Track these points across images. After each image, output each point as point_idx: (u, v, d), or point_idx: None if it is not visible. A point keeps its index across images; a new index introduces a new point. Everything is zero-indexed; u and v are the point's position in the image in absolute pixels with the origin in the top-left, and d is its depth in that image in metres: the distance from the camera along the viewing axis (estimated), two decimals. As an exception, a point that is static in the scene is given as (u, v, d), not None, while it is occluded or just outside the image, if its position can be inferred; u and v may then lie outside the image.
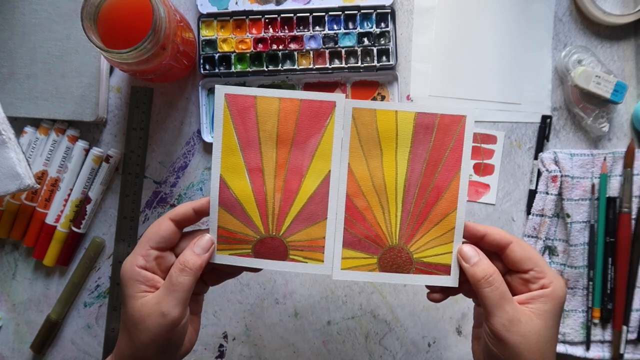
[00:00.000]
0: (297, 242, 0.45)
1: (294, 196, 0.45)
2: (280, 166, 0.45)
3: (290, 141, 0.45)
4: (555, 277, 0.43)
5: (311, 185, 0.45)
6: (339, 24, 0.62)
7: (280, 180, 0.45)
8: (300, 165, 0.45)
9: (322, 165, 0.45)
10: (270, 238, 0.45)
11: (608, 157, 0.61)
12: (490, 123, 0.63)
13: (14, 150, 0.56)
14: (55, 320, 0.63)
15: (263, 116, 0.44)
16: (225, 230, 0.45)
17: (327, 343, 0.63)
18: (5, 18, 0.61)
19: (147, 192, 0.64)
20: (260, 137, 0.45)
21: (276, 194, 0.45)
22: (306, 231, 0.45)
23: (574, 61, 0.61)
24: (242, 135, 0.45)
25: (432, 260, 0.46)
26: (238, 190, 0.45)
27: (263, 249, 0.45)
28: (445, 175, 0.46)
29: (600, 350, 0.61)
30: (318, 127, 0.45)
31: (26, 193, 0.62)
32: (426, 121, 0.45)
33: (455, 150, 0.46)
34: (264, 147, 0.45)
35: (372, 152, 0.46)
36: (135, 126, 0.63)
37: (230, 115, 0.44)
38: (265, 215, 0.45)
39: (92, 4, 0.51)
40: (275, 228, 0.45)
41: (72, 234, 0.63)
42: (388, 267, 0.46)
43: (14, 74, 0.61)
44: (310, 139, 0.45)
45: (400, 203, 0.46)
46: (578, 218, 0.61)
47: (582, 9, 0.62)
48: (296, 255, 0.45)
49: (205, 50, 0.62)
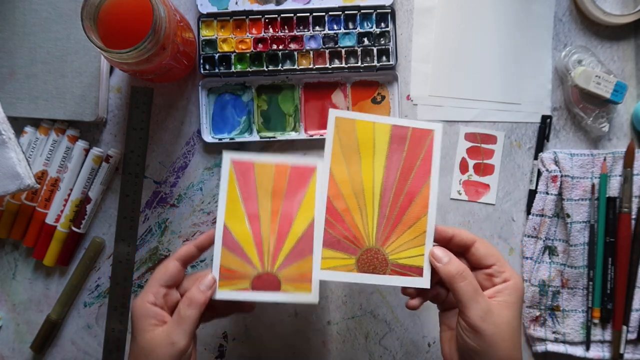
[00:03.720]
0: (288, 275, 0.52)
1: (285, 238, 0.53)
2: (274, 214, 0.53)
3: (282, 194, 0.53)
4: (513, 272, 0.49)
5: (299, 229, 0.53)
6: (339, 24, 0.62)
7: (274, 225, 0.53)
8: (290, 212, 0.53)
9: (308, 212, 0.53)
10: (266, 274, 0.52)
11: (608, 157, 0.61)
12: (490, 123, 0.63)
13: (14, 150, 0.56)
14: (55, 320, 0.63)
15: (260, 176, 0.53)
16: (226, 269, 0.52)
17: (327, 343, 0.63)
18: (5, 18, 0.61)
19: (147, 192, 0.64)
20: (258, 191, 0.53)
21: (271, 236, 0.53)
22: (296, 265, 0.52)
23: (574, 61, 0.61)
24: (243, 190, 0.53)
25: (406, 262, 0.51)
26: (239, 234, 0.52)
27: (260, 283, 0.52)
28: (417, 182, 0.52)
29: (600, 350, 0.61)
30: (303, 183, 0.53)
31: (26, 193, 0.62)
32: (400, 133, 0.52)
33: (426, 160, 0.52)
34: (260, 199, 0.53)
35: (352, 158, 0.52)
36: (135, 126, 0.63)
37: (234, 175, 0.53)
38: (262, 254, 0.52)
39: (92, 4, 0.51)
40: (270, 265, 0.52)
41: (72, 234, 0.63)
42: (365, 268, 0.51)
43: (14, 74, 0.61)
44: (298, 192, 0.53)
45: (377, 206, 0.52)
46: (578, 218, 0.61)
47: (582, 9, 0.62)
48: (288, 286, 0.52)
49: (205, 50, 0.62)
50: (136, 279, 0.64)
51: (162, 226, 0.64)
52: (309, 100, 0.63)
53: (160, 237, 0.64)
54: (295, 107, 0.63)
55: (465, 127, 0.63)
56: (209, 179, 0.64)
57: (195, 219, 0.64)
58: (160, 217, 0.64)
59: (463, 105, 0.63)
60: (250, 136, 0.63)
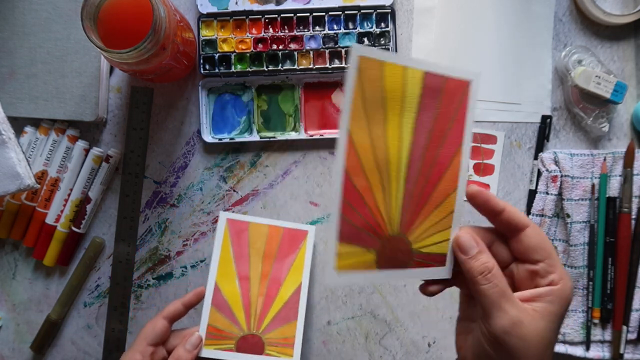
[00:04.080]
0: (272, 338, 0.55)
1: (272, 300, 0.55)
2: (264, 276, 0.56)
3: (274, 256, 0.56)
4: (565, 274, 0.38)
5: (287, 293, 0.56)
6: (339, 24, 0.62)
7: (263, 287, 0.56)
8: (279, 276, 0.56)
9: (296, 277, 0.56)
10: (251, 335, 0.55)
11: (608, 157, 0.61)
12: (490, 123, 0.63)
13: (14, 150, 0.56)
14: (55, 320, 0.63)
15: (254, 237, 0.57)
16: (213, 328, 0.54)
17: (327, 343, 0.63)
18: (5, 18, 0.60)
19: (147, 192, 0.64)
20: (250, 252, 0.56)
21: (259, 297, 0.55)
22: (280, 330, 0.55)
23: (574, 61, 0.61)
24: (236, 250, 0.56)
25: (431, 250, 0.39)
26: (228, 294, 0.55)
27: (244, 345, 0.54)
28: (449, 149, 0.39)
29: (600, 350, 0.61)
30: (295, 247, 0.57)
31: (26, 193, 0.62)
32: (434, 83, 0.38)
33: (459, 121, 0.39)
34: (252, 260, 0.56)
35: (375, 117, 0.36)
36: (135, 126, 0.63)
37: (229, 235, 0.56)
38: (249, 315, 0.55)
39: (92, 4, 0.51)
40: (256, 326, 0.55)
41: (72, 234, 0.63)
42: (386, 262, 0.38)
43: (14, 74, 0.61)
44: (289, 256, 0.56)
45: (402, 182, 0.38)
46: (578, 218, 0.61)
47: (582, 9, 0.62)
48: (271, 350, 0.54)
49: (205, 50, 0.62)
50: (136, 278, 0.64)
51: (162, 226, 0.64)
52: (309, 100, 0.63)
53: (160, 237, 0.64)
54: (295, 107, 0.63)
55: (465, 127, 0.63)
56: (209, 179, 0.64)
57: (195, 219, 0.64)
58: (160, 217, 0.64)
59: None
60: (250, 136, 0.63)
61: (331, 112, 0.63)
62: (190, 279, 0.63)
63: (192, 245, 0.63)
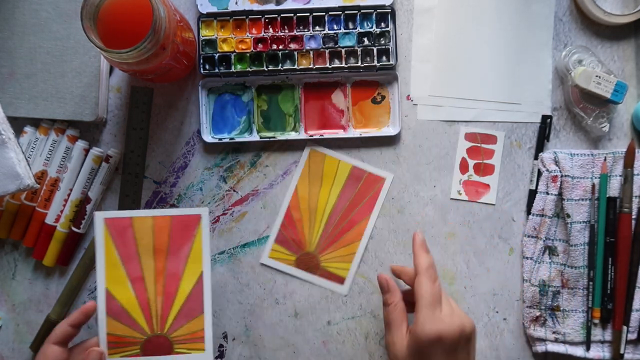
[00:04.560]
0: (180, 336, 0.53)
1: (173, 297, 0.53)
2: (159, 273, 0.53)
3: (166, 251, 0.53)
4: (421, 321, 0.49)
5: (187, 286, 0.53)
6: (339, 23, 0.62)
7: (160, 285, 0.53)
8: (176, 270, 0.53)
9: (195, 268, 0.53)
10: (155, 337, 0.52)
11: (608, 157, 0.61)
12: (490, 123, 0.63)
13: (14, 150, 0.56)
14: (55, 320, 0.63)
15: (140, 233, 0.53)
16: (113, 336, 0.52)
17: (327, 343, 0.63)
18: (5, 18, 0.60)
19: (147, 192, 0.64)
20: (139, 250, 0.53)
21: (157, 297, 0.53)
22: (187, 326, 0.53)
23: (574, 61, 0.61)
24: (122, 251, 0.53)
25: (334, 271, 0.62)
26: (123, 299, 0.52)
27: (150, 347, 0.52)
28: (360, 215, 0.62)
29: (600, 351, 0.61)
30: (188, 236, 0.53)
31: (26, 193, 0.62)
32: (357, 173, 0.62)
33: (372, 200, 0.62)
34: (143, 259, 0.53)
35: (314, 183, 0.62)
36: (135, 126, 0.63)
37: (110, 236, 0.53)
38: (150, 317, 0.52)
39: (92, 3, 0.51)
40: (160, 327, 0.52)
41: (72, 234, 0.62)
42: (302, 266, 0.62)
43: (13, 74, 0.61)
44: (183, 247, 0.53)
45: (323, 223, 0.62)
46: (578, 218, 0.61)
47: (582, 8, 0.62)
48: (180, 348, 0.52)
49: (205, 50, 0.62)
50: (136, 279, 0.64)
51: (162, 226, 0.64)
52: (309, 100, 0.63)
53: (160, 237, 0.64)
54: (295, 107, 0.63)
55: (465, 127, 0.63)
56: (208, 179, 0.64)
57: (195, 219, 0.64)
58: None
59: (463, 105, 0.63)
60: (250, 136, 0.63)
61: (331, 112, 0.63)
62: (190, 279, 0.63)
63: (192, 245, 0.63)
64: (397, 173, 0.63)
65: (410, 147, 0.63)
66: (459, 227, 0.63)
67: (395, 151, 0.63)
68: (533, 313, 0.61)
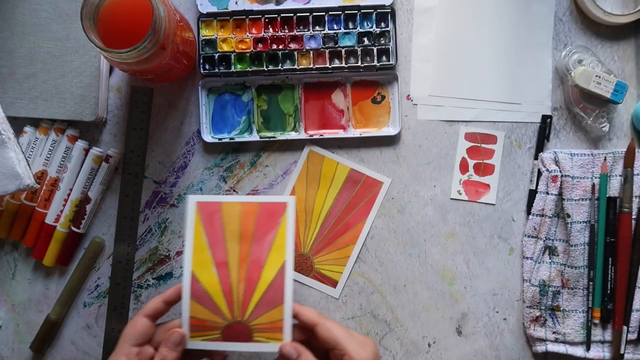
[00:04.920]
0: (259, 324, 0.52)
1: (255, 284, 0.52)
2: (243, 259, 0.52)
3: (251, 237, 0.52)
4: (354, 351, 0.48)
5: (270, 274, 0.52)
6: (339, 23, 0.62)
7: (243, 272, 0.52)
8: (259, 257, 0.52)
9: (278, 256, 0.52)
10: (236, 323, 0.52)
11: (608, 157, 0.61)
12: (490, 123, 0.63)
13: (14, 150, 0.56)
14: (54, 320, 0.63)
15: (228, 218, 0.52)
16: (196, 320, 0.51)
17: (327, 343, 0.63)
18: (5, 18, 0.60)
19: (147, 192, 0.64)
20: (226, 235, 0.52)
21: (240, 283, 0.52)
22: (267, 315, 0.52)
23: (574, 61, 0.61)
24: (209, 235, 0.52)
25: (326, 274, 0.63)
26: (207, 283, 0.52)
27: (230, 333, 0.51)
28: (356, 218, 0.62)
29: (600, 351, 0.61)
30: (273, 224, 0.53)
31: (26, 193, 0.62)
32: (355, 176, 0.62)
33: (368, 203, 0.62)
34: (228, 244, 0.52)
35: (312, 184, 0.63)
36: (135, 126, 0.63)
37: (200, 219, 0.52)
38: (231, 303, 0.52)
39: (92, 3, 0.51)
40: (240, 314, 0.51)
41: (72, 234, 0.62)
42: (295, 267, 0.62)
43: (13, 73, 0.61)
44: (268, 234, 0.52)
45: (319, 226, 0.62)
46: (578, 218, 0.61)
47: (582, 8, 0.62)
48: (259, 337, 0.51)
49: (205, 50, 0.62)
50: (136, 279, 0.64)
51: (162, 226, 0.64)
52: (309, 100, 0.63)
53: (160, 237, 0.64)
54: (295, 107, 0.63)
55: (465, 127, 0.63)
56: (208, 179, 0.64)
57: (195, 219, 0.63)
58: (160, 217, 0.64)
59: (463, 105, 0.63)
60: (250, 136, 0.63)
61: (331, 112, 0.63)
62: (190, 279, 0.63)
63: (192, 245, 0.63)
64: (397, 173, 0.63)
65: (410, 147, 0.63)
66: (459, 227, 0.63)
67: (395, 151, 0.63)
68: (533, 313, 0.61)
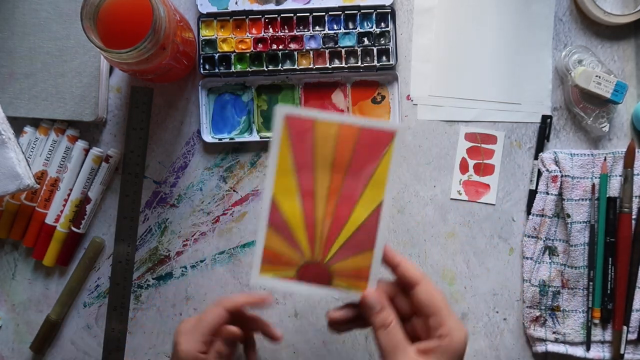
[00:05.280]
0: (342, 269, 0.44)
1: (343, 223, 0.44)
2: (332, 192, 0.44)
3: (346, 167, 0.44)
4: (454, 327, 0.42)
5: (362, 214, 0.44)
6: (339, 23, 0.62)
7: (331, 206, 0.44)
8: (353, 192, 0.44)
9: (375, 194, 0.44)
10: (315, 264, 0.45)
11: (608, 157, 0.61)
12: (490, 123, 0.63)
13: (14, 150, 0.56)
14: (54, 320, 0.63)
15: (320, 140, 0.43)
16: (270, 251, 0.45)
17: (327, 343, 0.63)
18: (5, 18, 0.60)
19: (147, 192, 0.64)
20: (316, 161, 0.44)
21: (326, 219, 0.44)
22: (352, 260, 0.44)
23: (574, 61, 0.61)
24: (297, 157, 0.44)
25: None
26: (288, 212, 0.44)
27: (307, 274, 0.45)
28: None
29: (600, 351, 0.61)
30: (375, 155, 0.44)
31: (26, 193, 0.62)
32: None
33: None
34: (318, 172, 0.44)
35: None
36: (135, 126, 0.63)
37: (289, 137, 0.44)
38: (313, 239, 0.45)
39: (92, 3, 0.51)
40: (322, 254, 0.44)
41: (72, 234, 0.62)
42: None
43: (13, 73, 0.61)
44: (366, 167, 0.44)
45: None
46: (578, 218, 0.61)
47: (583, 8, 0.62)
48: (340, 282, 0.45)
49: (205, 50, 0.62)
50: (136, 279, 0.64)
51: (162, 226, 0.64)
52: (309, 100, 0.63)
53: (160, 237, 0.64)
54: (295, 107, 0.63)
55: (465, 127, 0.63)
56: (208, 179, 0.64)
57: (195, 219, 0.63)
58: (160, 217, 0.64)
59: (463, 105, 0.63)
60: (250, 136, 0.63)
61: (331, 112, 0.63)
62: (190, 279, 0.63)
63: (192, 245, 0.63)
64: (396, 173, 0.63)
65: (410, 147, 0.63)
66: (459, 227, 0.63)
67: (395, 151, 0.63)
68: (533, 313, 0.61)
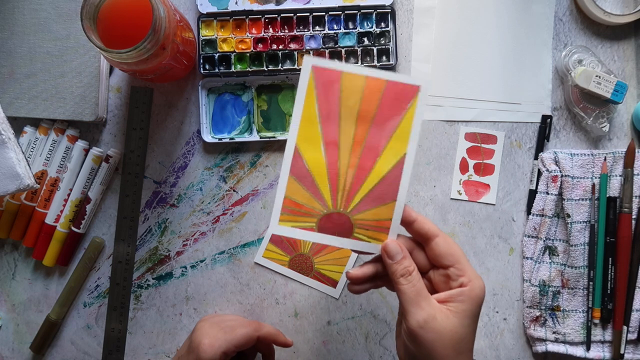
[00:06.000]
0: (364, 220, 0.45)
1: (366, 174, 0.45)
2: (357, 143, 0.45)
3: (371, 119, 0.44)
4: (474, 277, 0.44)
5: (385, 166, 0.45)
6: (339, 23, 0.62)
7: (355, 157, 0.45)
8: (377, 144, 0.45)
9: (399, 147, 0.45)
10: (337, 214, 0.45)
11: (608, 157, 0.61)
12: (490, 123, 0.63)
13: (14, 150, 0.56)
14: (54, 320, 0.63)
15: (347, 92, 0.44)
16: (291, 201, 0.45)
17: (327, 343, 0.63)
18: (5, 18, 0.60)
19: (147, 192, 0.64)
20: (341, 112, 0.44)
21: (349, 170, 0.45)
22: (374, 211, 0.45)
23: (574, 61, 0.61)
24: (322, 107, 0.44)
25: (326, 274, 0.62)
26: (311, 162, 0.45)
27: (328, 224, 0.45)
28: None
29: (600, 351, 0.61)
30: (400, 108, 0.44)
31: (26, 193, 0.62)
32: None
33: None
34: (343, 122, 0.45)
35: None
36: (135, 126, 0.63)
37: (315, 87, 0.44)
38: (336, 190, 0.45)
39: (92, 3, 0.51)
40: (344, 204, 0.45)
41: (72, 234, 0.62)
42: (295, 267, 0.62)
43: (13, 73, 0.61)
44: (390, 120, 0.44)
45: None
46: (578, 218, 0.61)
47: (583, 8, 0.62)
48: (361, 234, 0.45)
49: (205, 50, 0.62)
50: (136, 279, 0.64)
51: (162, 226, 0.64)
52: (309, 100, 0.63)
53: (160, 237, 0.64)
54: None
55: (465, 127, 0.63)
56: (208, 178, 0.64)
57: (195, 219, 0.63)
58: (160, 217, 0.64)
59: (463, 105, 0.63)
60: (250, 136, 0.63)
61: (331, 112, 0.63)
62: (190, 279, 0.63)
63: (192, 245, 0.63)
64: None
65: (410, 147, 0.63)
66: (459, 227, 0.63)
67: (395, 151, 0.63)
68: (533, 313, 0.61)
